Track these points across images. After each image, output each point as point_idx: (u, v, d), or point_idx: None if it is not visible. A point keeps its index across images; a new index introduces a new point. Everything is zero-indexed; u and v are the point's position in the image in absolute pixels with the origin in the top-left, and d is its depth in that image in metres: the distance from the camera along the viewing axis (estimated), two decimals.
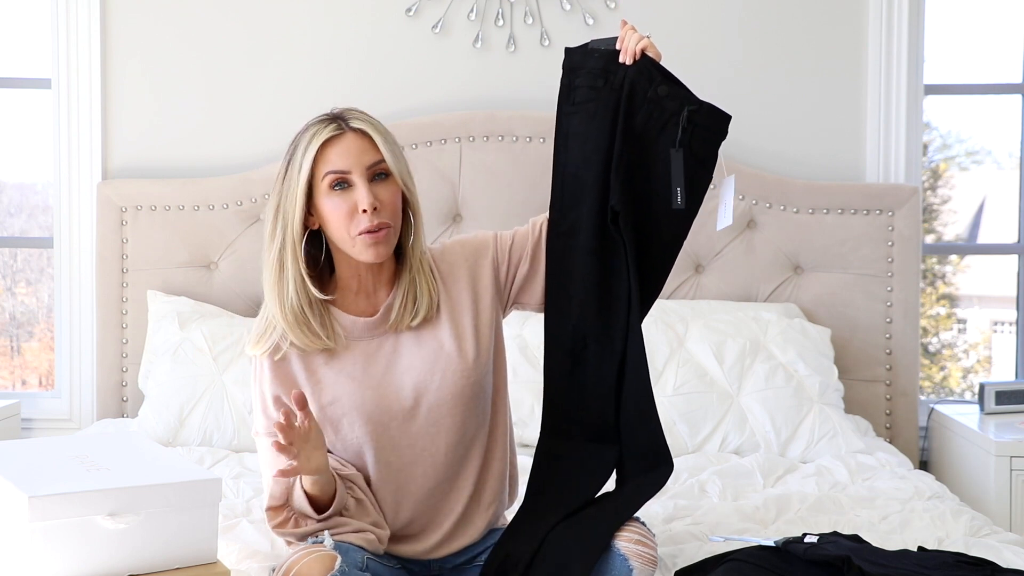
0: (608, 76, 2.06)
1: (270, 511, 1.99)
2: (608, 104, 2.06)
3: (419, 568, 2.11)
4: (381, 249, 2.00)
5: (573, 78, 2.10)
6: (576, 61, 2.11)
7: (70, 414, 3.50)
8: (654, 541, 1.95)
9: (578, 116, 2.09)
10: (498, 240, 2.14)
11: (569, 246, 2.08)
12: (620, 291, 2.05)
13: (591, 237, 2.05)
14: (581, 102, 2.09)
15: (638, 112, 2.04)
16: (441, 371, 2.05)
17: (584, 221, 2.07)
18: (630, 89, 2.04)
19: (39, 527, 1.76)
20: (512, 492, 2.19)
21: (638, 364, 2.04)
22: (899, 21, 3.44)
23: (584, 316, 2.07)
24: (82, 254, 3.46)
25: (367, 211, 1.97)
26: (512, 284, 2.14)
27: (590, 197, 2.06)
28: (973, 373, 4.17)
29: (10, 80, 3.63)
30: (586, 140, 2.07)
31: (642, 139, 2.04)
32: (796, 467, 2.89)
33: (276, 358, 2.04)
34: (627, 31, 2.07)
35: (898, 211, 3.37)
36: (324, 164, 1.99)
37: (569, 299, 2.09)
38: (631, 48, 2.05)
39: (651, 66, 2.05)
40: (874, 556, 2.05)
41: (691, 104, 2.04)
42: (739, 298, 3.37)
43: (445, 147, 3.38)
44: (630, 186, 2.04)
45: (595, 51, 2.09)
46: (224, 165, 3.47)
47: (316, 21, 3.47)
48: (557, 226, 2.10)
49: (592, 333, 2.07)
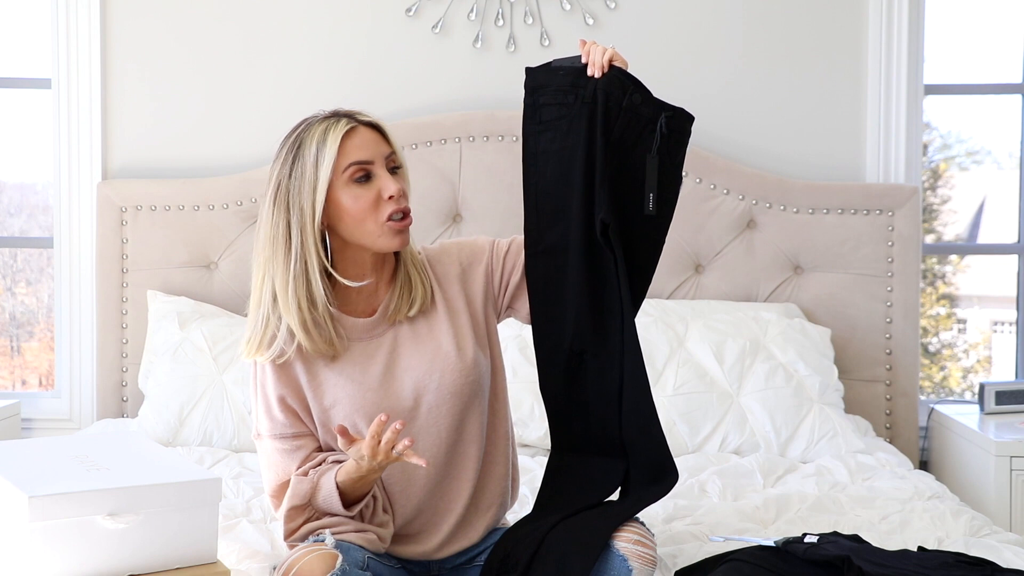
0: (578, 91, 2.04)
1: (291, 511, 1.98)
2: (581, 118, 2.03)
3: (419, 568, 2.11)
4: (405, 237, 2.02)
5: (538, 97, 2.08)
6: (540, 80, 2.08)
7: (70, 414, 3.50)
8: (654, 541, 1.95)
9: (548, 134, 2.07)
10: (494, 247, 2.14)
11: (555, 266, 2.07)
12: (613, 303, 2.04)
13: (580, 254, 2.04)
14: (550, 120, 2.06)
15: (615, 122, 2.03)
16: (440, 371, 2.05)
17: (569, 238, 2.05)
18: (604, 100, 2.02)
19: (39, 527, 1.76)
20: (513, 494, 2.19)
21: (637, 376, 2.03)
22: (899, 21, 3.44)
23: (580, 333, 2.06)
24: (82, 254, 3.46)
25: (394, 196, 1.98)
26: (505, 291, 2.14)
27: (573, 213, 2.04)
28: (973, 373, 4.17)
29: (10, 80, 3.63)
30: (561, 157, 2.06)
31: (620, 148, 2.03)
32: (796, 467, 2.89)
33: (279, 362, 2.03)
34: (590, 45, 2.06)
35: (898, 211, 3.37)
36: (345, 157, 1.98)
37: (562, 317, 2.07)
38: (598, 60, 2.03)
39: (621, 75, 2.03)
40: (874, 556, 2.05)
41: (667, 110, 2.03)
42: (739, 298, 3.37)
43: (445, 147, 3.38)
44: (615, 199, 2.02)
45: (559, 68, 2.06)
46: (224, 165, 3.47)
47: (316, 21, 3.47)
48: (533, 246, 2.08)
49: (589, 349, 2.05)
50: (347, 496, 1.97)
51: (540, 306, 2.09)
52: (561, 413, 2.11)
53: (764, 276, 3.38)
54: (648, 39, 3.47)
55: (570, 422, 2.10)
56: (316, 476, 1.99)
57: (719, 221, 3.37)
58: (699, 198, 3.36)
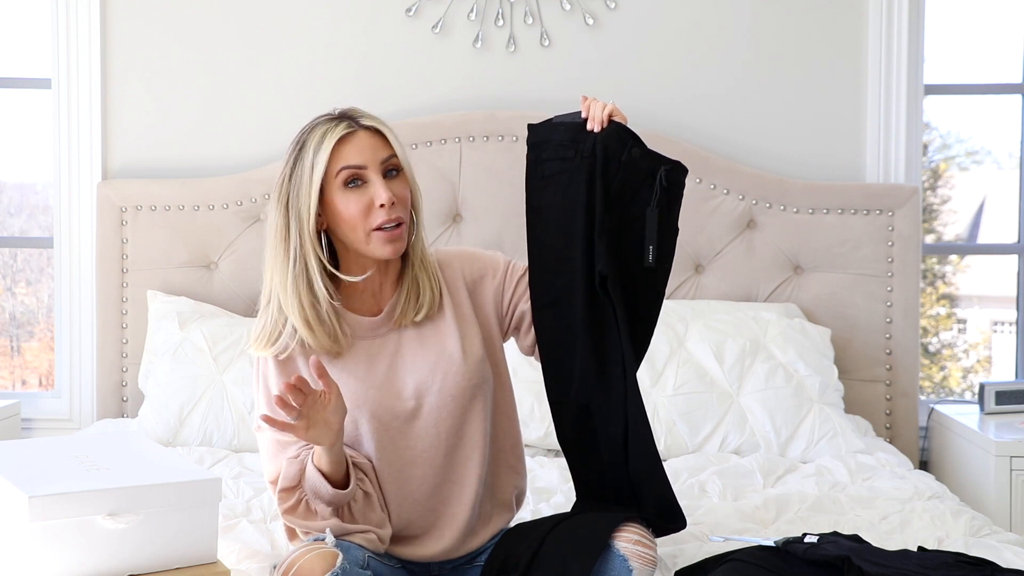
0: (577, 145, 2.06)
1: (283, 492, 1.99)
2: (581, 172, 2.05)
3: (419, 567, 2.11)
4: (398, 245, 2.01)
5: (540, 152, 2.10)
6: (541, 135, 2.10)
7: (70, 414, 3.50)
8: (654, 541, 1.95)
9: (550, 188, 2.08)
10: (509, 268, 2.15)
11: (558, 316, 2.08)
12: (615, 355, 2.05)
13: (582, 306, 2.05)
14: (551, 175, 2.08)
15: (615, 177, 2.04)
16: (443, 372, 2.06)
17: (572, 290, 2.06)
18: (604, 155, 2.04)
19: (39, 527, 1.76)
20: (519, 505, 2.20)
21: (640, 429, 2.04)
22: (899, 21, 3.44)
23: (584, 385, 2.07)
24: (82, 254, 3.46)
25: (385, 205, 1.98)
26: (512, 315, 2.14)
27: (575, 265, 2.05)
28: (973, 373, 4.17)
29: (10, 80, 3.63)
30: (562, 211, 2.07)
31: (620, 202, 2.05)
32: (796, 467, 2.89)
33: (281, 357, 2.04)
34: (591, 100, 2.08)
35: (898, 211, 3.37)
36: (338, 161, 1.99)
37: (569, 369, 2.09)
38: (598, 115, 2.05)
39: (621, 130, 2.05)
40: (874, 556, 2.05)
41: (665, 164, 2.05)
42: (739, 298, 3.37)
43: (445, 147, 3.38)
44: (614, 250, 2.04)
45: (560, 124, 2.09)
46: (224, 165, 3.47)
47: (316, 21, 3.47)
48: (539, 300, 2.10)
49: (594, 401, 2.07)
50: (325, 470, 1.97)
51: (548, 357, 2.11)
52: (576, 461, 2.14)
53: (764, 276, 3.38)
54: (648, 39, 3.47)
55: (586, 470, 2.13)
56: (304, 456, 2.00)
57: (719, 221, 3.37)
58: (699, 198, 3.36)
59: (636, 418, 2.04)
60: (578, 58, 3.47)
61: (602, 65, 3.47)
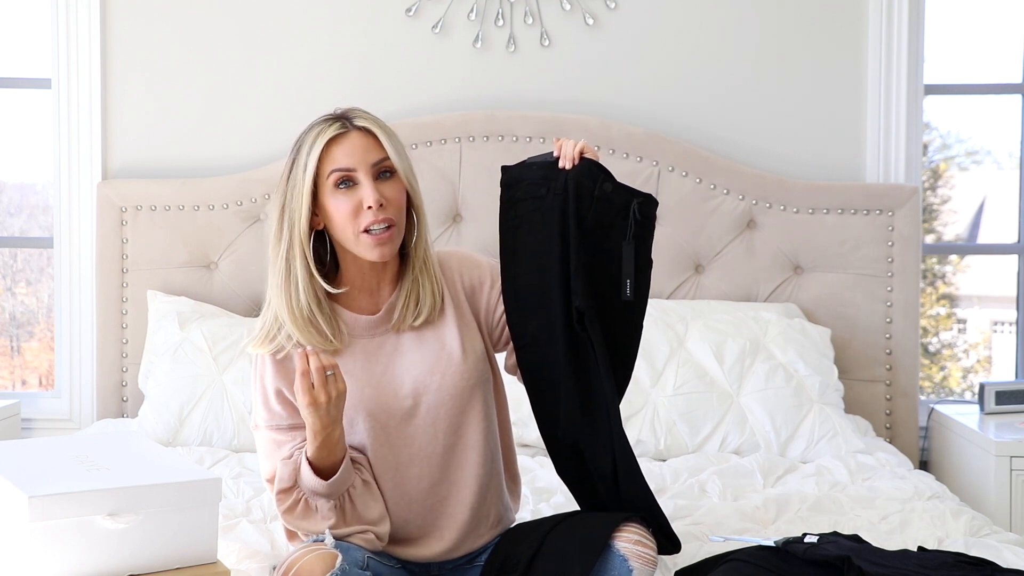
0: (549, 183, 2.06)
1: (280, 494, 1.99)
2: (554, 209, 2.05)
3: (419, 568, 2.11)
4: (386, 249, 2.01)
5: (513, 192, 2.10)
6: (515, 176, 2.10)
7: (70, 414, 3.50)
8: (654, 542, 1.95)
9: (524, 227, 2.08)
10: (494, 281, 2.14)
11: (539, 355, 2.07)
12: (598, 394, 2.04)
13: (563, 346, 2.04)
14: (525, 214, 2.08)
15: (588, 212, 2.04)
16: (441, 372, 2.06)
17: (551, 329, 2.05)
18: (576, 190, 2.04)
19: (39, 527, 1.76)
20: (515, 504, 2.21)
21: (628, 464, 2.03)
22: (899, 21, 3.44)
23: (570, 426, 2.06)
24: (82, 254, 3.46)
25: (372, 207, 1.98)
26: (499, 323, 2.14)
27: (552, 301, 2.05)
28: (973, 373, 4.17)
29: (10, 80, 3.63)
30: (537, 249, 2.07)
31: (594, 237, 2.05)
32: (796, 467, 2.89)
33: (279, 356, 2.04)
34: (563, 140, 2.09)
35: (898, 211, 3.37)
36: (329, 162, 1.99)
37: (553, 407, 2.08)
38: (569, 153, 2.06)
39: (592, 166, 2.05)
40: (874, 556, 2.05)
41: (637, 197, 2.05)
42: (739, 298, 3.37)
43: (445, 147, 3.38)
44: (590, 286, 2.03)
45: (533, 164, 2.09)
46: (224, 165, 3.47)
47: (316, 21, 3.47)
48: (518, 340, 2.09)
49: (582, 440, 2.06)
50: (319, 467, 1.97)
51: (533, 397, 2.11)
52: (574, 488, 2.14)
53: (764, 276, 3.38)
54: (648, 39, 3.47)
55: (584, 497, 2.14)
56: (298, 456, 2.00)
57: (719, 221, 3.37)
58: (699, 198, 3.36)
59: (622, 455, 2.03)
60: (578, 58, 3.47)
61: (602, 65, 3.47)
